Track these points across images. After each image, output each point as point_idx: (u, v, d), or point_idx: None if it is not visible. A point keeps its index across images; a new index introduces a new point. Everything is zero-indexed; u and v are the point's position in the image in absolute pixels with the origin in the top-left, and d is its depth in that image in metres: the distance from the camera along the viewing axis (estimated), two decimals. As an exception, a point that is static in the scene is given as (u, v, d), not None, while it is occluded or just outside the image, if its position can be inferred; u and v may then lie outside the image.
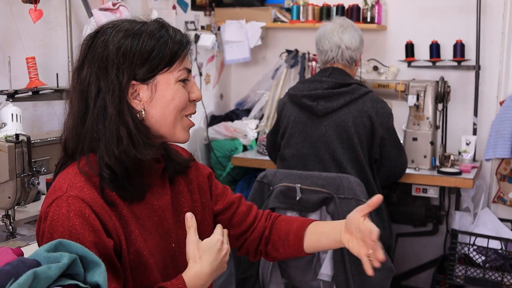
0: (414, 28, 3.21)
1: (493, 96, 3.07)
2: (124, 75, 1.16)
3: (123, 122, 1.16)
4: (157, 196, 1.28)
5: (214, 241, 1.25)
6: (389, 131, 2.42)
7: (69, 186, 1.14)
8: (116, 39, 1.17)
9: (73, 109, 1.20)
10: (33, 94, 2.15)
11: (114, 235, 1.15)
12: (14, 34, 2.17)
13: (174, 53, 1.20)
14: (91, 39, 1.20)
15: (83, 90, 1.18)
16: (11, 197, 1.66)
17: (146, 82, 1.19)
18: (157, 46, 1.18)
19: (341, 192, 2.13)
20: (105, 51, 1.17)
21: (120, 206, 1.19)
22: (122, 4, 2.55)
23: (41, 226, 1.13)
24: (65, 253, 0.96)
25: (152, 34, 1.19)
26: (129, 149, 1.16)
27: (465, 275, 2.64)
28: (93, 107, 1.17)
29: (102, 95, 1.16)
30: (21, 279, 0.88)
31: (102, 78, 1.17)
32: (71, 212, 1.10)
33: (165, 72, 1.20)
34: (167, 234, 1.29)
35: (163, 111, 1.21)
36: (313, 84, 2.44)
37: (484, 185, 3.05)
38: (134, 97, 1.19)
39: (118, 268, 1.15)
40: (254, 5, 3.42)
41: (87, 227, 1.09)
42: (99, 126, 1.17)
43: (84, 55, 1.20)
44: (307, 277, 2.30)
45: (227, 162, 3.22)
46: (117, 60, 1.16)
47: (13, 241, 1.69)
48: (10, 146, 1.63)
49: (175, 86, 1.21)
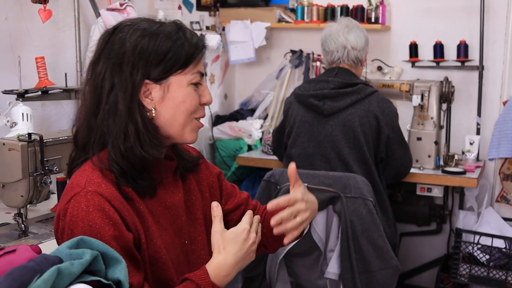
0: (418, 29, 3.23)
1: (496, 96, 3.09)
2: (138, 74, 1.18)
3: (132, 119, 1.18)
4: (170, 194, 1.29)
5: (239, 230, 1.23)
6: (395, 130, 2.44)
7: (87, 181, 1.15)
8: (134, 37, 1.19)
9: (86, 102, 1.22)
10: (42, 94, 2.16)
11: (133, 229, 1.17)
12: (24, 34, 2.19)
13: (189, 56, 1.22)
14: (109, 35, 1.22)
15: (97, 85, 1.20)
16: (24, 195, 1.67)
17: (159, 82, 1.21)
18: (173, 47, 1.20)
19: (348, 191, 2.15)
20: (121, 48, 1.18)
21: (137, 201, 1.20)
22: (129, 5, 2.57)
23: (60, 223, 1.14)
24: (87, 250, 0.98)
25: (169, 35, 1.20)
26: (135, 147, 1.18)
27: (469, 274, 2.66)
28: (105, 102, 1.19)
29: (115, 91, 1.18)
30: (46, 275, 0.90)
31: (116, 75, 1.18)
32: (90, 207, 1.11)
33: (179, 74, 1.22)
34: (180, 231, 1.31)
35: (173, 112, 1.22)
36: (320, 84, 2.46)
37: (488, 184, 3.08)
38: (146, 95, 1.21)
39: (139, 261, 1.17)
40: (258, 5, 3.44)
41: (107, 221, 1.11)
42: (109, 121, 1.18)
43: (101, 50, 1.21)
44: (313, 276, 2.32)
45: (232, 161, 3.24)
46: (132, 58, 1.18)
47: (25, 240, 1.70)
48: (23, 145, 1.64)
49: (187, 88, 1.23)
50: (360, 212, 2.13)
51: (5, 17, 2.11)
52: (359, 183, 2.15)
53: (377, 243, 2.14)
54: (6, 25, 2.11)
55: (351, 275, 2.12)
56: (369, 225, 2.13)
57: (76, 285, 0.93)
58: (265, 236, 1.47)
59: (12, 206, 1.72)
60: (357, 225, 2.12)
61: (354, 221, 2.12)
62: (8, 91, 2.05)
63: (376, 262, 2.13)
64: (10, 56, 2.13)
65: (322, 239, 2.22)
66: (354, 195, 2.14)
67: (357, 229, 2.12)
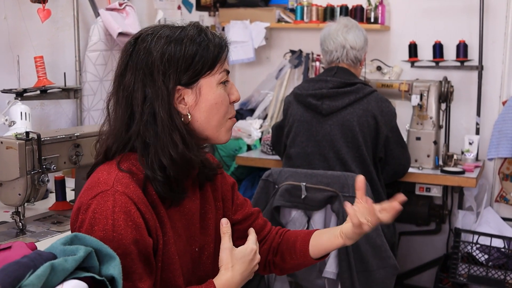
0: (417, 29, 3.23)
1: (495, 96, 3.09)
2: (170, 81, 1.19)
3: (175, 126, 1.19)
4: (188, 201, 1.30)
5: (248, 250, 1.27)
6: (393, 130, 2.44)
7: (115, 181, 1.15)
8: (159, 46, 1.19)
9: (117, 114, 1.22)
10: (41, 93, 2.17)
11: (154, 234, 1.17)
12: (23, 33, 2.20)
13: (215, 57, 1.22)
14: (132, 46, 1.22)
15: (128, 97, 1.20)
16: (21, 194, 1.67)
17: (191, 87, 1.21)
18: (199, 50, 1.20)
19: (346, 190, 2.15)
20: (149, 58, 1.19)
21: (159, 205, 1.21)
22: (129, 4, 2.57)
23: (80, 216, 1.14)
24: (81, 246, 0.99)
25: (193, 39, 1.21)
26: (184, 151, 1.19)
27: (468, 274, 2.66)
28: (140, 113, 1.18)
29: (149, 101, 1.18)
30: (39, 271, 0.90)
31: (148, 85, 1.19)
32: (116, 207, 1.11)
33: (208, 76, 1.22)
34: (192, 239, 1.31)
35: (207, 114, 1.23)
36: (318, 84, 2.47)
37: (487, 184, 3.08)
38: (179, 101, 1.21)
39: (153, 267, 1.17)
40: (258, 5, 3.44)
41: (130, 224, 1.11)
42: (150, 131, 1.18)
43: (126, 62, 1.21)
44: (312, 275, 2.32)
45: (231, 161, 3.24)
46: (162, 66, 1.18)
47: (22, 238, 1.70)
48: (21, 144, 1.64)
49: (218, 88, 1.24)
50: (358, 211, 2.13)
51: (4, 17, 2.12)
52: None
53: (375, 242, 2.14)
54: (5, 24, 2.12)
55: (349, 274, 2.12)
56: (367, 224, 2.13)
57: (69, 281, 0.94)
58: (282, 254, 1.49)
59: (9, 205, 1.73)
60: (355, 224, 2.12)
61: (352, 220, 2.12)
62: (7, 90, 2.06)
63: (374, 261, 2.13)
64: (9, 55, 2.14)
65: (320, 238, 2.22)
66: (352, 195, 2.14)
67: (355, 228, 2.12)
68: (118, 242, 1.10)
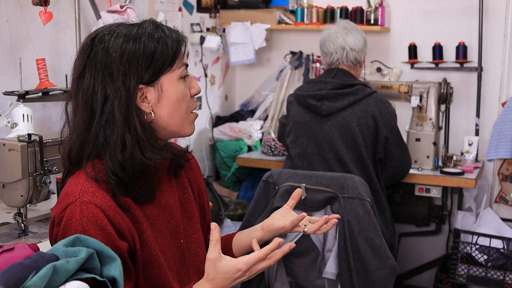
0: (417, 30, 3.24)
1: (495, 97, 3.10)
2: (131, 80, 1.18)
3: (129, 127, 1.18)
4: (165, 194, 1.30)
5: (233, 269, 1.16)
6: (393, 131, 2.45)
7: (81, 191, 1.15)
8: (117, 45, 1.18)
9: (77, 117, 1.21)
10: (43, 95, 2.18)
11: (128, 237, 1.17)
12: (25, 36, 2.21)
13: (174, 52, 1.22)
14: (89, 48, 1.20)
15: (87, 98, 1.18)
16: (24, 195, 1.69)
17: (152, 84, 1.21)
18: (158, 47, 1.20)
19: (346, 191, 2.17)
20: (108, 58, 1.17)
21: (132, 207, 1.21)
22: (130, 7, 2.59)
23: (55, 230, 1.16)
24: (83, 248, 1.00)
25: (151, 36, 1.20)
26: (135, 154, 1.17)
27: (467, 274, 2.67)
28: (100, 114, 1.17)
29: (110, 101, 1.17)
30: (42, 272, 0.92)
31: (108, 85, 1.17)
32: (83, 218, 1.12)
33: (168, 72, 1.22)
34: (176, 231, 1.31)
35: (170, 110, 1.23)
36: (318, 85, 2.48)
37: (486, 185, 3.09)
38: (142, 100, 1.21)
39: (131, 271, 1.18)
40: (258, 7, 3.46)
41: (99, 233, 1.12)
42: (107, 132, 1.18)
43: (84, 64, 1.20)
44: (311, 276, 2.34)
45: (232, 162, 3.26)
46: (122, 67, 1.17)
47: (25, 239, 1.72)
48: (23, 146, 1.66)
49: (178, 84, 1.24)
50: (357, 212, 2.15)
51: (6, 19, 2.13)
52: (356, 183, 2.17)
53: (374, 243, 2.15)
54: (7, 27, 2.13)
55: (349, 275, 2.14)
56: (367, 225, 2.14)
57: (71, 282, 0.95)
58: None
59: (12, 206, 1.74)
60: (355, 225, 2.14)
61: (352, 221, 2.14)
62: (9, 92, 2.07)
63: (373, 262, 2.15)
64: (11, 57, 2.16)
65: (320, 239, 2.23)
66: (351, 196, 2.16)
67: (354, 229, 2.13)
68: None
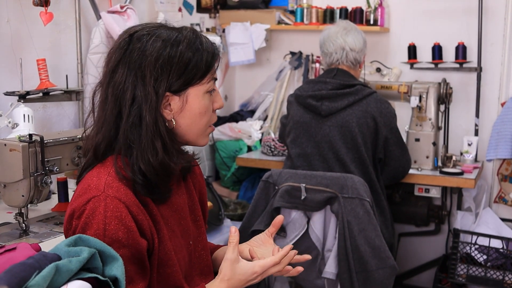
0: (416, 30, 3.25)
1: (494, 97, 3.11)
2: (161, 86, 1.18)
3: (158, 132, 1.19)
4: (175, 196, 1.32)
5: (250, 271, 1.23)
6: (392, 131, 2.46)
7: (106, 185, 1.16)
8: (155, 49, 1.18)
9: (105, 112, 1.21)
10: (43, 95, 2.19)
11: (148, 235, 1.19)
12: (25, 36, 2.22)
13: (207, 67, 1.22)
14: (126, 44, 1.20)
15: (117, 94, 1.19)
16: (25, 195, 1.69)
17: (179, 94, 1.21)
18: (193, 59, 1.20)
19: (345, 191, 2.17)
20: (143, 60, 1.18)
21: (151, 205, 1.22)
22: (130, 7, 2.59)
23: (74, 222, 1.16)
24: (85, 248, 1.01)
25: (188, 45, 1.20)
26: (163, 159, 1.19)
27: (467, 274, 2.67)
28: (128, 114, 1.18)
29: (138, 103, 1.18)
30: (44, 271, 0.93)
31: (138, 87, 1.18)
32: (108, 212, 1.12)
33: (197, 85, 1.22)
34: (186, 232, 1.33)
35: (191, 122, 1.24)
36: (318, 85, 2.49)
37: (486, 185, 3.09)
38: (165, 107, 1.22)
39: (147, 269, 1.19)
40: (258, 7, 3.46)
41: (122, 228, 1.13)
42: (134, 133, 1.18)
43: (119, 59, 1.20)
44: (311, 275, 2.34)
45: (232, 162, 3.26)
46: (155, 71, 1.17)
47: (26, 239, 1.72)
48: (24, 146, 1.66)
49: (204, 98, 1.24)
50: (357, 212, 2.15)
51: (7, 20, 2.13)
52: (356, 183, 2.17)
53: (374, 243, 2.16)
54: (8, 27, 2.14)
55: (349, 274, 2.14)
56: (366, 225, 2.15)
57: (73, 281, 0.96)
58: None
59: (13, 206, 1.75)
60: (354, 225, 2.14)
61: (352, 221, 2.14)
62: (10, 92, 2.08)
63: (373, 261, 2.15)
64: (11, 58, 2.16)
65: (320, 239, 2.24)
66: (351, 196, 2.16)
67: (354, 229, 2.14)
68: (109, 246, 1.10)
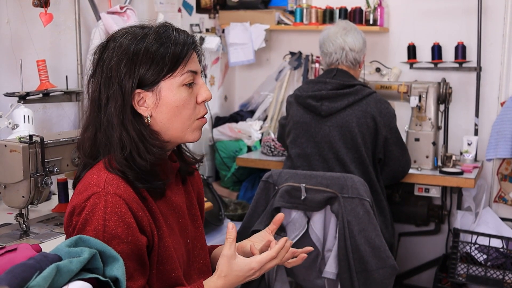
0: (416, 30, 3.25)
1: (494, 97, 3.11)
2: (127, 84, 1.19)
3: (125, 129, 1.20)
4: (174, 194, 1.33)
5: (247, 267, 1.25)
6: (392, 131, 2.46)
7: (106, 182, 1.17)
8: (122, 47, 1.20)
9: (88, 115, 1.26)
10: (43, 96, 2.19)
11: (148, 231, 1.19)
12: (25, 37, 2.22)
13: (177, 57, 1.21)
14: (102, 48, 1.24)
15: (94, 98, 1.24)
16: (25, 196, 1.69)
17: (151, 89, 1.22)
18: (158, 52, 1.19)
19: (345, 191, 2.17)
20: (111, 61, 1.20)
21: (150, 201, 1.23)
22: (130, 8, 2.60)
23: (74, 219, 1.17)
24: (85, 248, 1.01)
25: (155, 38, 1.20)
26: (133, 155, 1.20)
27: (467, 274, 2.68)
28: (103, 115, 1.22)
29: (109, 103, 1.21)
30: (45, 272, 0.93)
31: (108, 88, 1.21)
32: (108, 208, 1.13)
33: (168, 78, 1.22)
34: (184, 231, 1.34)
35: (169, 116, 1.24)
36: (318, 85, 2.49)
37: (486, 185, 3.10)
38: (141, 104, 1.23)
39: (147, 266, 1.20)
40: (258, 7, 3.46)
41: (122, 225, 1.14)
42: (108, 133, 1.22)
43: (96, 64, 1.24)
44: (311, 275, 2.34)
45: (232, 162, 3.26)
46: (120, 70, 1.19)
47: (26, 239, 1.72)
48: (24, 147, 1.66)
49: (179, 91, 1.23)
50: (357, 212, 2.15)
51: (6, 21, 2.14)
52: (356, 183, 2.17)
53: (374, 242, 2.16)
54: (7, 28, 2.14)
55: (349, 274, 2.14)
56: (366, 225, 2.15)
57: (74, 282, 0.96)
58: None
59: (13, 207, 1.75)
60: (355, 225, 2.15)
61: (352, 221, 2.14)
62: (10, 93, 2.08)
63: (373, 261, 2.15)
64: (11, 59, 2.16)
65: (320, 239, 2.24)
66: (351, 196, 2.17)
67: (354, 229, 2.14)
68: (108, 243, 1.11)
